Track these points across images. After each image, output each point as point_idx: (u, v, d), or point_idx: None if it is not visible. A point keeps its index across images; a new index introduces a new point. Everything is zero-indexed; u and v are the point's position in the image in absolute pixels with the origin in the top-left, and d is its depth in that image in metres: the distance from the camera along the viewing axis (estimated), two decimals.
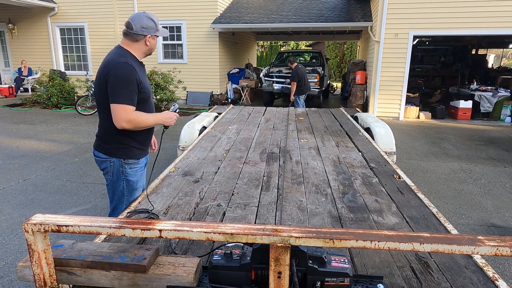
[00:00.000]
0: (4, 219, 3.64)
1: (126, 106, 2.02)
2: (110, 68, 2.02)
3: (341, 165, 2.82)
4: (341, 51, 24.29)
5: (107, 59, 2.09)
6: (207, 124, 4.56)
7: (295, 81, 8.00)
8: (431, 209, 1.97)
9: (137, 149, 2.26)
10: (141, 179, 2.37)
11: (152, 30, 2.12)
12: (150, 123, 2.18)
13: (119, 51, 2.11)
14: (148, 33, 2.12)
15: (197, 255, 1.41)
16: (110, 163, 2.22)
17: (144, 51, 2.18)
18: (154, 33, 2.14)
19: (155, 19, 2.13)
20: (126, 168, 2.24)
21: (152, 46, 2.18)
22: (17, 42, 13.21)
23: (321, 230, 1.03)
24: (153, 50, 2.22)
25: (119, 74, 2.00)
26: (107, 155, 2.21)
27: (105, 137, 2.21)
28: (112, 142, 2.19)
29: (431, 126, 8.98)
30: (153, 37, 2.16)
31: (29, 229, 1.07)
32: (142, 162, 2.33)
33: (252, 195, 2.18)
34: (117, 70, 2.01)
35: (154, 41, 2.18)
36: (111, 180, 2.28)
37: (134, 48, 2.13)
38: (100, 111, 2.18)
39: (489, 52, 16.66)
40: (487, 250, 0.94)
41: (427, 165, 5.62)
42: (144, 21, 2.09)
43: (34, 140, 6.92)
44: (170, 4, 11.56)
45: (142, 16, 2.10)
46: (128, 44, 2.13)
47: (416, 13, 8.98)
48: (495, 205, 4.14)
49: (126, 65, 2.03)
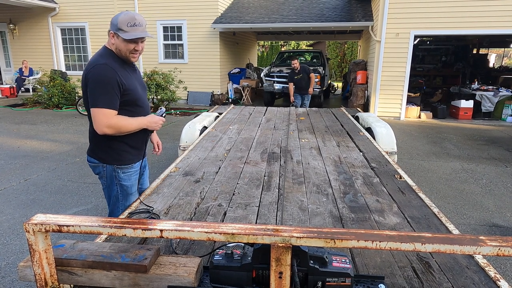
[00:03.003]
0: (5, 219, 3.65)
1: (105, 110, 1.90)
2: (89, 71, 1.92)
3: (342, 165, 2.82)
4: (342, 51, 24.28)
5: (89, 61, 1.99)
6: (208, 124, 4.56)
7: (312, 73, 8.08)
8: (433, 209, 1.97)
9: (129, 153, 2.16)
10: (136, 184, 2.28)
11: (114, 27, 1.91)
12: (133, 128, 2.04)
13: (102, 51, 2.00)
14: (111, 29, 1.93)
15: (198, 255, 1.41)
16: (103, 168, 2.15)
17: (114, 50, 1.98)
18: (116, 31, 1.90)
19: (124, 19, 1.88)
20: (119, 173, 2.16)
21: (117, 46, 1.95)
22: (18, 42, 13.23)
23: (322, 230, 1.03)
24: (123, 52, 1.97)
25: (97, 77, 1.89)
26: (99, 160, 2.14)
27: (95, 143, 2.13)
28: (101, 147, 2.11)
29: (432, 125, 8.97)
30: (116, 36, 1.92)
31: (30, 229, 1.07)
32: (136, 166, 2.23)
33: (253, 195, 2.18)
34: (95, 72, 1.89)
35: (117, 41, 1.93)
36: (106, 184, 2.22)
37: (110, 45, 1.98)
38: (89, 116, 2.06)
39: (491, 51, 16.62)
40: (489, 250, 0.93)
41: (428, 165, 5.61)
42: (114, 17, 1.92)
43: (35, 140, 6.93)
44: (170, 4, 11.56)
45: (118, 14, 1.93)
46: (108, 41, 2.01)
47: (417, 13, 8.96)
48: (496, 205, 4.13)
49: (105, 67, 1.90)
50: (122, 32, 1.89)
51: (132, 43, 1.93)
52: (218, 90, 11.95)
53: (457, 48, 13.23)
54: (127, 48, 1.95)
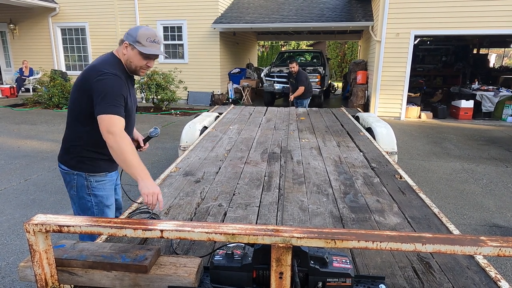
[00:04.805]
0: (6, 219, 3.65)
1: (115, 117, 1.77)
2: (97, 78, 1.78)
3: (343, 165, 2.82)
4: (342, 51, 24.27)
5: (93, 65, 1.87)
6: (208, 124, 4.56)
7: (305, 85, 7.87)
8: (433, 209, 1.97)
9: (104, 161, 1.99)
10: (112, 195, 2.12)
11: (131, 38, 1.84)
12: (128, 158, 1.70)
13: (110, 59, 1.90)
14: (127, 40, 1.85)
15: (198, 255, 1.41)
16: (73, 176, 1.98)
17: (124, 61, 1.91)
18: (133, 43, 1.83)
19: (144, 33, 1.83)
20: (91, 182, 1.99)
21: (129, 57, 1.87)
22: (18, 43, 13.24)
23: (323, 231, 1.03)
24: (134, 65, 1.89)
25: (109, 87, 1.77)
26: (70, 168, 1.98)
27: (66, 148, 1.98)
28: (73, 153, 1.96)
29: (432, 126, 8.96)
30: (131, 47, 1.85)
31: (30, 229, 1.06)
32: (110, 176, 2.06)
33: (253, 195, 2.18)
34: (106, 82, 1.78)
35: (132, 53, 1.86)
36: (76, 196, 2.02)
37: (120, 54, 1.91)
38: (69, 120, 1.94)
39: (491, 51, 16.61)
40: (489, 250, 0.93)
41: (429, 165, 5.61)
42: (133, 29, 1.87)
43: (35, 140, 6.93)
44: (171, 4, 11.56)
45: (138, 26, 1.89)
46: (117, 49, 1.93)
47: (417, 13, 8.96)
48: (497, 205, 4.13)
49: (116, 78, 1.81)
50: (140, 45, 1.83)
51: (147, 58, 1.88)
52: (218, 90, 11.95)
53: (457, 48, 13.22)
54: (140, 63, 1.89)
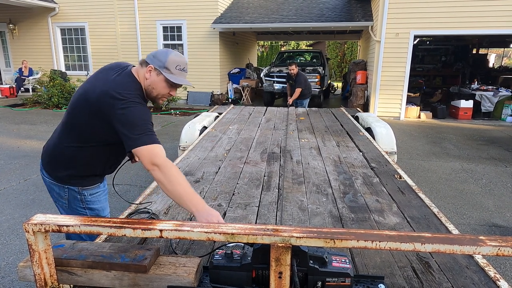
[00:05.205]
0: (5, 219, 3.64)
1: (156, 146, 1.55)
2: (121, 106, 1.55)
3: (342, 165, 2.82)
4: (342, 51, 24.28)
5: (112, 88, 1.58)
6: (208, 124, 4.56)
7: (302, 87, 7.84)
8: (432, 209, 1.97)
9: (98, 176, 1.89)
10: (107, 206, 2.00)
11: (159, 63, 1.65)
12: (180, 192, 1.49)
13: (131, 84, 1.64)
14: (152, 63, 1.65)
15: (197, 255, 1.41)
16: (64, 189, 1.81)
17: (145, 86, 1.68)
18: (160, 68, 1.64)
19: (174, 60, 1.66)
20: (85, 196, 1.84)
21: (153, 83, 1.67)
22: (18, 42, 13.23)
23: (322, 230, 1.03)
24: (157, 92, 1.69)
25: (137, 118, 1.56)
26: (59, 182, 1.81)
27: (57, 165, 1.79)
28: (67, 173, 1.78)
29: (432, 125, 8.97)
30: (157, 73, 1.65)
31: (29, 229, 1.06)
32: (102, 186, 1.95)
33: (252, 195, 2.18)
34: (133, 112, 1.56)
35: (156, 79, 1.66)
36: (67, 207, 1.85)
37: (141, 77, 1.69)
38: (65, 137, 1.73)
39: (490, 51, 16.63)
40: (488, 250, 0.93)
41: (428, 165, 5.61)
42: (162, 52, 1.68)
43: (35, 140, 6.92)
44: (170, 4, 11.56)
45: (167, 50, 1.70)
46: (138, 70, 1.70)
47: (417, 13, 8.96)
48: (496, 205, 4.13)
49: (144, 108, 1.63)
50: (168, 72, 1.65)
51: (171, 87, 1.71)
52: (218, 90, 11.95)
53: (456, 48, 13.24)
54: (163, 91, 1.70)
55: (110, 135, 1.63)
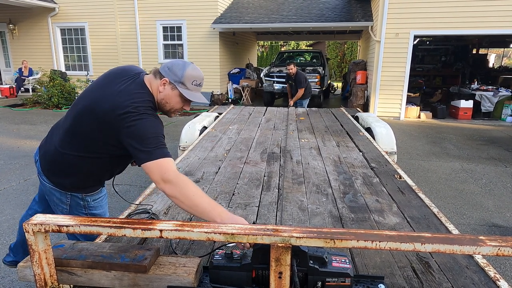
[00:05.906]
0: (5, 219, 3.64)
1: (167, 160, 1.49)
2: (133, 119, 1.47)
3: (342, 165, 2.82)
4: (342, 51, 24.29)
5: (124, 97, 1.51)
6: (208, 124, 4.56)
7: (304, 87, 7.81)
8: (432, 209, 1.97)
9: (100, 183, 1.86)
10: (107, 210, 1.98)
11: (174, 77, 1.58)
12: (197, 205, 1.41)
13: (144, 96, 1.56)
14: (168, 77, 1.58)
15: (197, 255, 1.41)
16: (66, 195, 1.77)
17: (158, 99, 1.61)
18: (176, 83, 1.58)
19: (192, 75, 1.59)
20: (89, 202, 1.81)
21: (166, 97, 1.60)
22: (17, 43, 13.22)
23: (322, 230, 1.03)
24: (170, 106, 1.63)
25: (150, 131, 1.49)
26: (61, 189, 1.75)
27: (58, 173, 1.72)
28: (69, 180, 1.72)
29: (432, 125, 8.97)
30: (172, 87, 1.58)
31: (29, 229, 1.06)
32: (103, 190, 1.92)
33: (252, 195, 2.18)
34: (146, 125, 1.49)
35: (171, 93, 1.59)
36: (67, 213, 1.79)
37: (154, 89, 1.61)
38: (68, 145, 1.64)
39: (490, 51, 16.63)
40: (488, 250, 0.94)
41: (428, 165, 5.61)
42: (179, 66, 1.60)
43: (35, 140, 6.92)
44: (170, 4, 11.56)
45: (184, 63, 1.63)
46: (150, 80, 1.62)
47: (416, 13, 8.96)
48: (496, 205, 4.13)
49: (157, 121, 1.55)
50: (184, 87, 1.59)
51: (186, 102, 1.65)
52: (218, 90, 11.95)
53: (456, 48, 13.23)
54: (177, 105, 1.64)
55: (118, 147, 1.57)
